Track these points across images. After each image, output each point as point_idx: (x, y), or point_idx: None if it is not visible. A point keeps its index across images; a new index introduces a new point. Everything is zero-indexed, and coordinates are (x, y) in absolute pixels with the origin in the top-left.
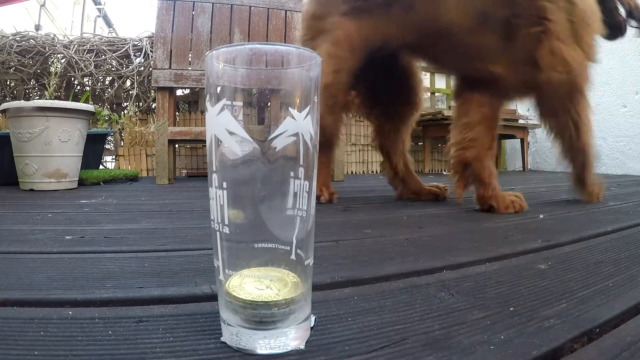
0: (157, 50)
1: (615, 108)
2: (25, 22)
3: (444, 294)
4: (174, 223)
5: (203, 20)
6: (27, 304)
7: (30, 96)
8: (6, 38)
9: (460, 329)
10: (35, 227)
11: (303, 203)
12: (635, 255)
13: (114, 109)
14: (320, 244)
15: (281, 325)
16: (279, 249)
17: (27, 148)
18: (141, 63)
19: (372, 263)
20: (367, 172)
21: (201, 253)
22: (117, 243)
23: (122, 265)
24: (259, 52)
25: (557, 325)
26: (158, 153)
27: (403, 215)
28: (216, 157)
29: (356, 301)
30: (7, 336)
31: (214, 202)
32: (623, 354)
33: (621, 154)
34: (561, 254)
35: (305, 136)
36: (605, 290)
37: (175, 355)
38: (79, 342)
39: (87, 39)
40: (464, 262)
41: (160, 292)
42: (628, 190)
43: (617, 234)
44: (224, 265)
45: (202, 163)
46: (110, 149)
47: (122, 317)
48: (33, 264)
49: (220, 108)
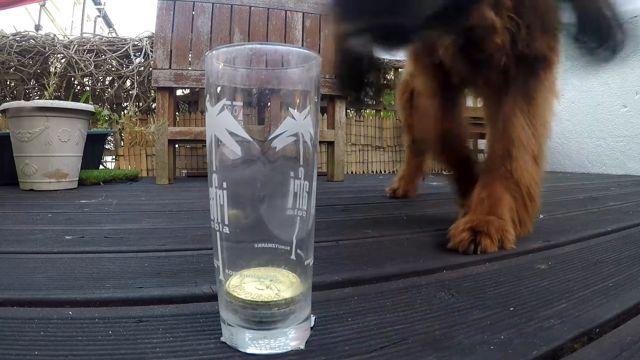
0: (157, 50)
1: (615, 108)
2: (25, 22)
3: (444, 294)
4: (174, 223)
5: (203, 20)
6: (27, 304)
7: (30, 96)
8: (6, 38)
9: (460, 329)
10: (35, 227)
11: (303, 203)
12: (635, 255)
13: (114, 109)
14: (320, 244)
15: (281, 325)
16: (279, 249)
17: (27, 148)
18: (141, 63)
19: (372, 263)
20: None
21: (201, 253)
22: (117, 243)
23: (122, 265)
24: (259, 52)
25: (557, 325)
26: (158, 153)
27: (403, 215)
28: (216, 157)
29: (356, 301)
30: (7, 336)
31: (214, 202)
32: (623, 354)
33: (621, 154)
34: (561, 254)
35: (305, 136)
36: (605, 290)
37: (175, 355)
38: (79, 342)
39: (87, 39)
40: (464, 262)
41: (160, 292)
42: (628, 190)
43: (617, 234)
44: (224, 265)
45: (202, 163)
46: (110, 149)
47: (122, 317)
48: (33, 264)
49: (220, 108)
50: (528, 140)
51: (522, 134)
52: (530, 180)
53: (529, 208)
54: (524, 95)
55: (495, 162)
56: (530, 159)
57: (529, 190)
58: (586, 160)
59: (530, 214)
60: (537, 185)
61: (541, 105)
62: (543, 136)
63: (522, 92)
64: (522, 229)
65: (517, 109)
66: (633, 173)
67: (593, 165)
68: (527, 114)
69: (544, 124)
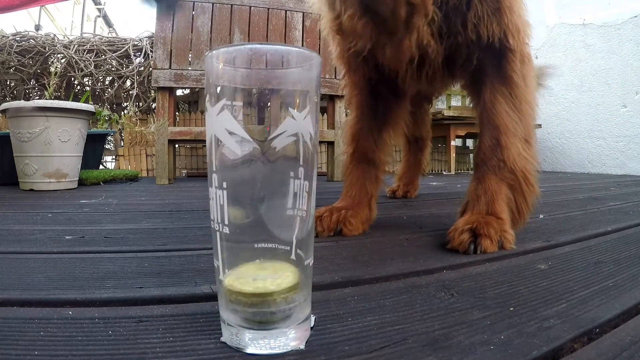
0: (157, 50)
1: (615, 108)
2: (25, 22)
3: (444, 294)
4: (174, 223)
5: (203, 20)
6: (27, 304)
7: (30, 96)
8: (6, 38)
9: (460, 329)
10: (35, 227)
11: (303, 203)
12: (635, 255)
13: (114, 109)
14: (320, 244)
15: (281, 325)
16: (279, 249)
17: (27, 148)
18: (141, 63)
19: (372, 263)
20: None
21: (201, 253)
22: (117, 243)
23: (122, 265)
24: (259, 52)
25: (557, 325)
26: (158, 153)
27: (403, 215)
28: (216, 157)
29: (356, 301)
30: (7, 336)
31: (214, 202)
32: (623, 354)
33: (621, 154)
34: (561, 254)
35: (305, 136)
36: (605, 290)
37: (175, 355)
38: (79, 342)
39: (87, 39)
40: (464, 262)
41: (160, 292)
42: (628, 190)
43: (617, 234)
44: (224, 265)
45: (202, 163)
46: (110, 149)
47: (122, 317)
48: (33, 264)
49: (220, 108)
50: (515, 125)
51: (507, 119)
52: (525, 163)
53: (526, 194)
54: (500, 78)
55: (486, 153)
56: (521, 142)
57: (525, 174)
58: (586, 160)
59: (529, 200)
60: (532, 166)
61: (520, 84)
62: (529, 116)
63: (497, 76)
64: (521, 218)
65: (497, 94)
66: (633, 173)
67: (593, 165)
68: (509, 97)
69: (528, 102)
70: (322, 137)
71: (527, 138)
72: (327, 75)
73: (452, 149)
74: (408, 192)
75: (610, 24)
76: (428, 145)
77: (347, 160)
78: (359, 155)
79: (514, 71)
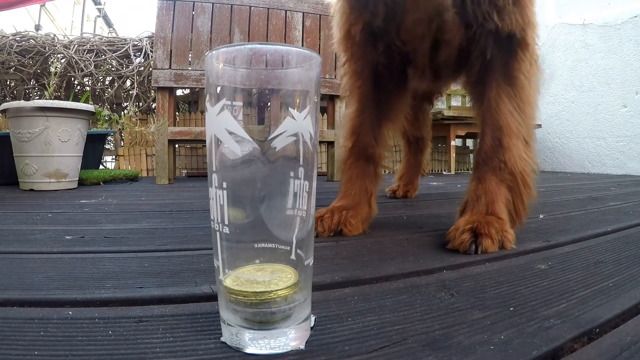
0: (157, 50)
1: (615, 108)
2: (25, 22)
3: (444, 294)
4: (174, 223)
5: (203, 20)
6: (27, 304)
7: (30, 96)
8: (6, 38)
9: (460, 329)
10: (35, 227)
11: (303, 203)
12: (635, 255)
13: (114, 109)
14: (320, 244)
15: (281, 325)
16: (279, 249)
17: (27, 148)
18: (141, 63)
19: (372, 263)
20: None
21: (201, 253)
22: (117, 243)
23: (122, 265)
24: (259, 52)
25: (557, 325)
26: (158, 153)
27: (403, 215)
28: (216, 157)
29: (356, 301)
30: (7, 336)
31: (214, 202)
32: (623, 354)
33: (621, 154)
34: (561, 254)
35: (305, 136)
36: (605, 290)
37: (175, 355)
38: (79, 342)
39: (87, 39)
40: (464, 262)
41: (160, 292)
42: (628, 190)
43: (617, 234)
44: (224, 265)
45: (202, 163)
46: (110, 149)
47: (122, 317)
48: (33, 264)
49: (220, 108)
50: (517, 126)
51: (510, 120)
52: (525, 165)
53: (524, 196)
54: (506, 77)
55: (487, 153)
56: (522, 143)
57: (524, 176)
58: (586, 160)
59: (526, 202)
60: (531, 168)
61: (525, 86)
62: (531, 117)
63: (504, 75)
64: (518, 219)
65: (502, 93)
66: (633, 173)
67: (593, 165)
68: (514, 97)
69: (531, 104)
70: (322, 137)
71: (527, 139)
72: (327, 75)
73: (452, 149)
74: (408, 192)
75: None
76: (428, 145)
77: (345, 155)
78: (358, 150)
79: (521, 72)
